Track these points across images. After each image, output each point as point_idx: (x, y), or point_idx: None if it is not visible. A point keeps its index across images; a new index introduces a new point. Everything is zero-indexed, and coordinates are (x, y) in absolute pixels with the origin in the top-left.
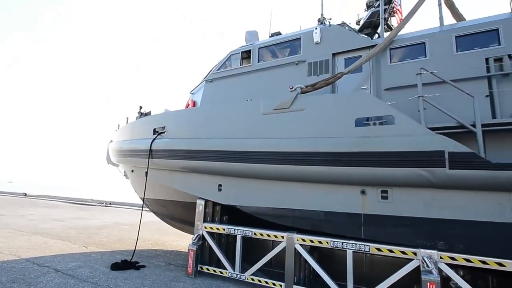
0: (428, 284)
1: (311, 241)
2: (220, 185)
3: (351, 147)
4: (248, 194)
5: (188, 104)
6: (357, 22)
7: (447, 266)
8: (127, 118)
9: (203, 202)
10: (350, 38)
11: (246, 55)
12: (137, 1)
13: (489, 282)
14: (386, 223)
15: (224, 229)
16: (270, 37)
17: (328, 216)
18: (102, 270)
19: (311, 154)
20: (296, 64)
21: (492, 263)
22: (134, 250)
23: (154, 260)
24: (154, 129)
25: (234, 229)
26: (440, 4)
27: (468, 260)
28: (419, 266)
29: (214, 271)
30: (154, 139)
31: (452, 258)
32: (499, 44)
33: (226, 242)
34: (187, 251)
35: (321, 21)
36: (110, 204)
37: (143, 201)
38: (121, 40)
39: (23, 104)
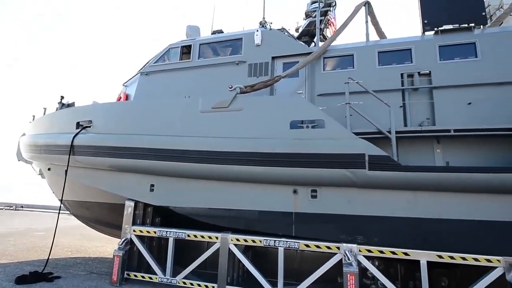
0: (349, 275)
1: (245, 240)
2: (152, 185)
3: (286, 148)
4: (182, 195)
5: (120, 97)
6: (296, 29)
7: (364, 258)
8: (45, 109)
9: (132, 204)
10: (289, 44)
11: (186, 50)
12: (137, 1)
13: (398, 270)
14: (314, 221)
15: (155, 232)
16: (212, 34)
17: (262, 215)
18: (3, 286)
19: (248, 154)
20: (237, 64)
21: (400, 253)
22: (48, 259)
23: (72, 269)
24: (78, 123)
25: (166, 231)
26: (367, 22)
27: (381, 252)
28: (341, 259)
29: (143, 277)
30: (77, 134)
31: (369, 251)
32: (411, 62)
33: (158, 246)
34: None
35: (262, 24)
36: (22, 207)
37: (61, 202)
38: (121, 40)
39: (23, 104)
